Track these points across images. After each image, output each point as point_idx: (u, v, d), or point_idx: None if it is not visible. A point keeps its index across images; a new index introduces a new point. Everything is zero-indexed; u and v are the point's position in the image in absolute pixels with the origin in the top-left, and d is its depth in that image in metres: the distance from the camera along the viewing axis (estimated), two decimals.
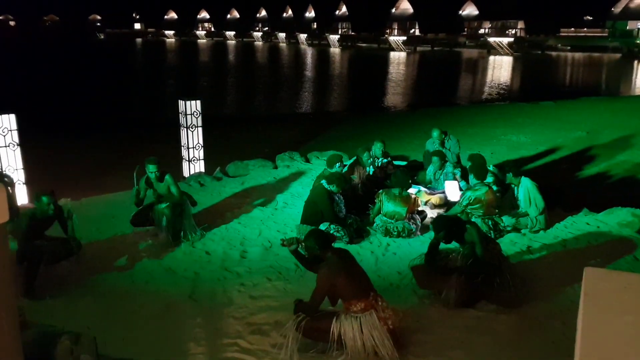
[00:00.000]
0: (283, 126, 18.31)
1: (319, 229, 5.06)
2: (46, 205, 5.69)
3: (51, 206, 5.72)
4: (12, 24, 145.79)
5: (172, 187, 6.94)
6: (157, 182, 6.89)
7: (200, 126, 10.00)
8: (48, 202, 5.69)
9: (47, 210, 5.72)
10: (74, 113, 21.40)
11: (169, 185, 6.93)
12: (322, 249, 4.26)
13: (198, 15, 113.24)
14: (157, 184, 6.91)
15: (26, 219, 5.65)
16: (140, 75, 42.76)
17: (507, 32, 65.71)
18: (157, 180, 6.88)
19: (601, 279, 1.38)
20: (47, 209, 5.71)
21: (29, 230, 5.61)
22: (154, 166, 6.79)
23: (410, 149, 12.12)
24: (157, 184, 6.90)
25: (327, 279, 4.11)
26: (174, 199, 6.92)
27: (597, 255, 6.21)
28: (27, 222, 5.61)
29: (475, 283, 5.00)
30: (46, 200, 5.69)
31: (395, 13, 77.86)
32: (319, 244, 4.26)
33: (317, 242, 4.27)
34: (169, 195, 6.94)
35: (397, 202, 6.98)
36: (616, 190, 9.45)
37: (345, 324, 4.10)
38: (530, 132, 14.67)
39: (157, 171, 6.82)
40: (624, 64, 50.61)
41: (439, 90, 31.45)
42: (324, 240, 4.31)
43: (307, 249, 4.35)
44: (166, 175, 6.91)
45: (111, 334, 4.61)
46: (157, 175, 6.84)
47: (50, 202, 5.71)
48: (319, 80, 36.83)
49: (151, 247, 6.71)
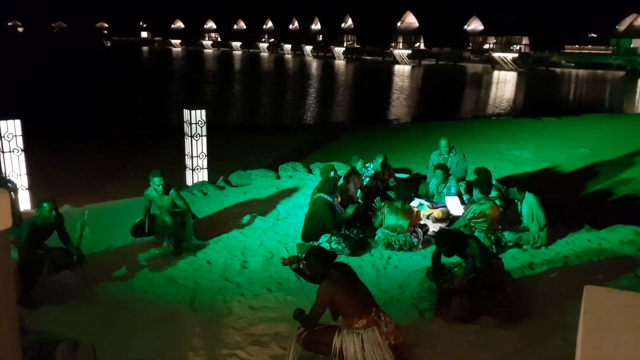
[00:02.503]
0: (286, 136, 18.35)
1: (319, 246, 5.02)
2: (47, 212, 5.64)
3: (53, 213, 5.67)
4: (21, 30, 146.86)
5: (178, 201, 6.91)
6: (161, 196, 6.86)
7: (205, 135, 10.04)
8: (50, 208, 5.65)
9: (49, 218, 5.67)
10: (79, 119, 21.48)
11: (174, 199, 6.90)
12: (323, 265, 4.24)
13: (205, 25, 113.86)
14: (161, 199, 6.88)
15: (27, 228, 5.60)
16: (145, 82, 42.94)
17: (511, 47, 65.85)
18: (162, 194, 6.84)
19: (601, 297, 1.38)
20: (48, 216, 5.66)
21: (30, 239, 5.56)
22: (159, 179, 6.75)
23: (414, 162, 12.13)
24: (160, 197, 6.87)
25: (327, 295, 4.09)
26: (180, 211, 6.90)
27: (598, 272, 6.18)
28: (28, 231, 5.56)
29: (476, 298, 4.98)
30: (48, 207, 5.64)
31: (401, 26, 78.16)
32: (320, 261, 4.24)
33: (319, 260, 4.25)
34: (173, 208, 6.92)
35: (399, 215, 6.98)
36: (618, 207, 9.42)
37: (347, 339, 4.08)
38: (534, 147, 14.66)
39: (163, 184, 6.78)
40: (627, 81, 50.67)
41: (443, 104, 31.50)
42: (325, 258, 4.30)
43: (308, 267, 4.33)
44: (171, 190, 6.88)
45: (110, 341, 4.59)
46: (162, 189, 6.80)
47: (51, 208, 5.66)
48: (323, 92, 36.93)
49: (152, 256, 6.71)
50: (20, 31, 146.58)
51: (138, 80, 44.04)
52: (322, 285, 4.14)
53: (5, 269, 1.74)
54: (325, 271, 4.21)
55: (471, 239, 5.20)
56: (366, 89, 39.79)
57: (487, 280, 5.02)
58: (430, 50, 73.19)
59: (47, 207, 5.65)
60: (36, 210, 5.81)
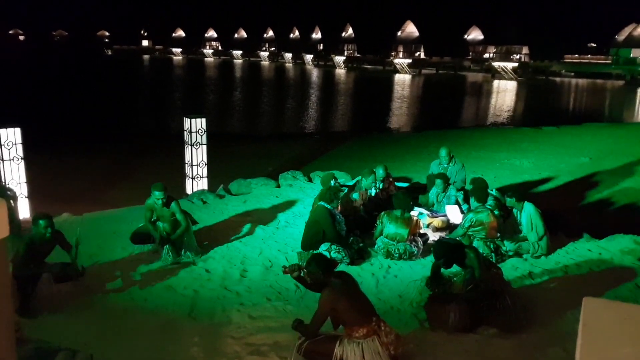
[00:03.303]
0: (287, 145, 18.36)
1: (320, 254, 5.02)
2: (43, 229, 5.58)
3: (48, 229, 5.60)
4: (22, 39, 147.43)
5: (178, 215, 6.89)
6: (162, 208, 6.84)
7: (205, 144, 10.04)
8: (45, 225, 5.58)
9: (45, 234, 5.60)
10: (79, 127, 21.52)
11: (175, 212, 6.88)
12: (324, 273, 4.24)
13: (206, 33, 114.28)
14: (162, 210, 6.86)
15: (24, 244, 5.54)
16: (146, 90, 43.04)
17: (511, 57, 66.10)
18: (163, 206, 6.82)
19: (600, 309, 1.38)
20: (44, 233, 5.59)
21: (26, 255, 5.50)
22: (160, 193, 6.73)
23: (414, 171, 12.13)
24: (161, 209, 6.86)
25: (328, 303, 4.09)
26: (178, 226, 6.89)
27: (598, 282, 6.17)
28: (24, 248, 5.50)
29: (475, 308, 4.97)
30: (43, 224, 5.57)
31: (401, 36, 78.43)
32: (321, 269, 4.24)
33: (320, 267, 4.25)
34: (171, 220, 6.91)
35: (399, 224, 6.97)
36: (618, 217, 9.41)
37: (348, 349, 4.06)
38: (534, 156, 14.67)
39: (164, 198, 6.77)
40: (627, 91, 50.78)
41: (443, 113, 31.56)
42: (326, 265, 4.30)
43: (309, 275, 4.33)
44: (172, 203, 6.86)
45: (108, 351, 4.58)
46: (163, 202, 6.78)
47: (47, 225, 5.59)
48: (323, 101, 37.02)
49: (151, 265, 6.69)
50: (22, 39, 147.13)
51: (138, 89, 44.14)
52: (323, 294, 4.13)
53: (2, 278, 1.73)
54: (326, 279, 4.21)
55: (469, 250, 5.19)
56: (367, 98, 39.88)
57: (486, 290, 5.00)
58: (430, 60, 73.41)
59: (43, 225, 5.58)
60: (32, 227, 5.75)
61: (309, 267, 4.29)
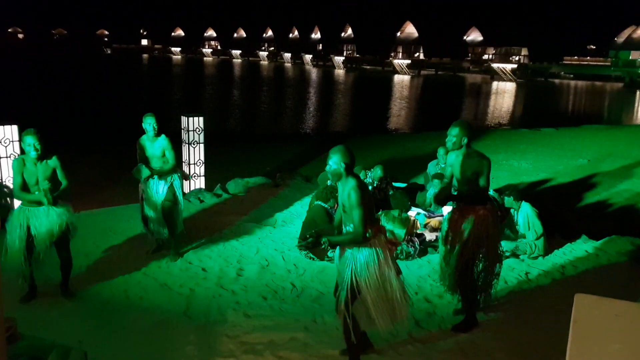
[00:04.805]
0: (285, 145, 18.34)
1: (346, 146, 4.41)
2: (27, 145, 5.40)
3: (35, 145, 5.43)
4: (21, 37, 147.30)
5: (168, 151, 6.65)
6: (153, 139, 6.62)
7: (203, 143, 10.02)
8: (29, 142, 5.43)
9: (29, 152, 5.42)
10: (76, 125, 21.48)
11: (165, 149, 6.65)
12: (347, 166, 4.06)
13: (205, 33, 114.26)
14: (152, 142, 6.63)
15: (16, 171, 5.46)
16: (144, 89, 42.98)
17: (510, 58, 66.19)
18: (153, 136, 6.60)
19: (591, 306, 1.37)
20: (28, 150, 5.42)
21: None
22: (152, 119, 6.52)
23: (412, 171, 12.12)
24: (152, 142, 6.63)
25: (362, 192, 3.99)
26: (167, 166, 6.65)
27: (595, 283, 6.17)
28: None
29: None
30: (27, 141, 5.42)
31: (400, 36, 78.46)
32: (345, 161, 4.04)
33: (344, 158, 4.05)
34: (161, 160, 6.68)
35: (395, 223, 6.95)
36: (616, 218, 9.41)
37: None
38: (532, 158, 14.68)
39: (155, 124, 6.53)
40: (626, 93, 50.87)
41: (442, 113, 31.57)
42: (351, 159, 4.10)
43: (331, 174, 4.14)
44: (162, 135, 6.63)
45: (103, 348, 4.56)
46: (155, 130, 6.55)
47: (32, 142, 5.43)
48: (322, 101, 37.01)
49: (147, 263, 6.67)
50: (21, 37, 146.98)
51: (137, 87, 44.09)
52: (355, 187, 4.00)
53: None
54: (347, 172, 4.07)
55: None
56: (365, 99, 39.88)
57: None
58: (429, 61, 73.52)
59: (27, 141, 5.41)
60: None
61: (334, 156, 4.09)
